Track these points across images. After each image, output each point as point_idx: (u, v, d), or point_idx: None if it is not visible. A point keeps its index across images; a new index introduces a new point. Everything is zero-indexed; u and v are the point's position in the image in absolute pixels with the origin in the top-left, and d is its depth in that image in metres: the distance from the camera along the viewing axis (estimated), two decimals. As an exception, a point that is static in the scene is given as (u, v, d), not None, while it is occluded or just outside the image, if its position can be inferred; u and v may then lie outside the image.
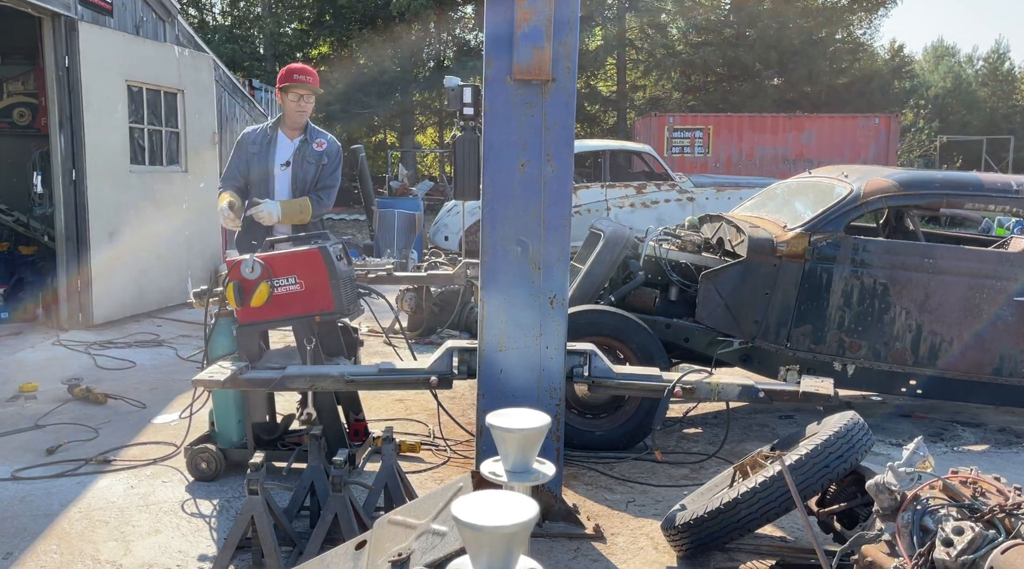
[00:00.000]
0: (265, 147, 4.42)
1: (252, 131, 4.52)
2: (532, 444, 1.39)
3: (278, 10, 26.78)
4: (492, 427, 1.44)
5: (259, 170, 4.42)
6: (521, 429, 1.37)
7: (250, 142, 4.44)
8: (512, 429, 1.37)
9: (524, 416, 1.43)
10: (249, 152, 4.42)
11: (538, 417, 1.43)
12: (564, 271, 3.37)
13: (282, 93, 4.40)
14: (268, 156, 4.43)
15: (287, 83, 4.36)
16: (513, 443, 1.37)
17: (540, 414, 1.46)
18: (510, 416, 1.42)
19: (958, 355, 4.51)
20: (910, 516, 2.34)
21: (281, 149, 4.45)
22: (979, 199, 4.56)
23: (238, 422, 4.02)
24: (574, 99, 3.32)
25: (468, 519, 1.05)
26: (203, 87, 8.75)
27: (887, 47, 38.51)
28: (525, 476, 1.38)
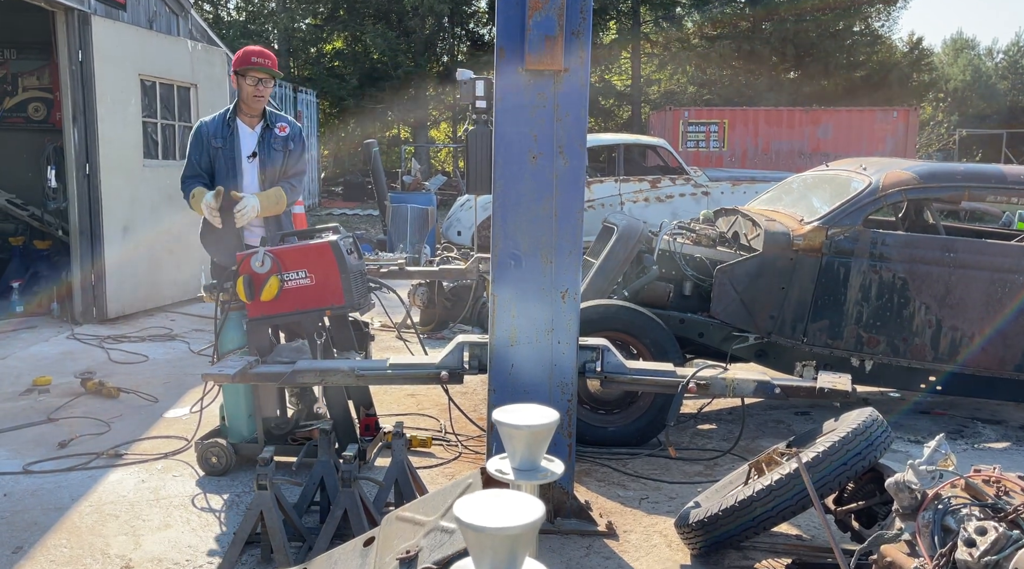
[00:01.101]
0: (229, 140, 4.13)
1: (209, 123, 4.17)
2: (540, 441, 1.34)
3: (292, 5, 26.80)
4: (499, 423, 1.40)
5: (226, 164, 4.13)
6: (528, 425, 1.33)
7: (211, 136, 4.13)
8: (519, 425, 1.32)
9: (532, 412, 1.38)
10: (212, 146, 4.12)
11: (546, 413, 1.39)
12: (576, 265, 3.32)
13: (239, 77, 4.09)
14: (234, 149, 4.14)
15: (244, 66, 4.07)
16: (520, 440, 1.32)
17: (548, 410, 1.41)
18: (518, 412, 1.37)
19: (979, 351, 4.43)
20: (931, 515, 2.28)
21: (244, 140, 4.18)
22: (1002, 192, 4.47)
23: (248, 417, 4.01)
24: (587, 90, 3.26)
25: (471, 520, 1.01)
26: (216, 81, 8.74)
27: (905, 40, 38.09)
28: (532, 474, 1.34)
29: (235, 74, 4.12)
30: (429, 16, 25.24)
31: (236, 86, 4.14)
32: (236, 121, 4.18)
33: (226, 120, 4.17)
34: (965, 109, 46.42)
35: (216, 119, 4.20)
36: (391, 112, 26.28)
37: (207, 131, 4.16)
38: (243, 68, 4.08)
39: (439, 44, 28.37)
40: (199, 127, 4.21)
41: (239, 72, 4.10)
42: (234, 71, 4.13)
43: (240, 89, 4.12)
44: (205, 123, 4.20)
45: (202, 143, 4.15)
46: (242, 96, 4.14)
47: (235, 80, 4.13)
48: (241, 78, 4.10)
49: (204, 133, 4.16)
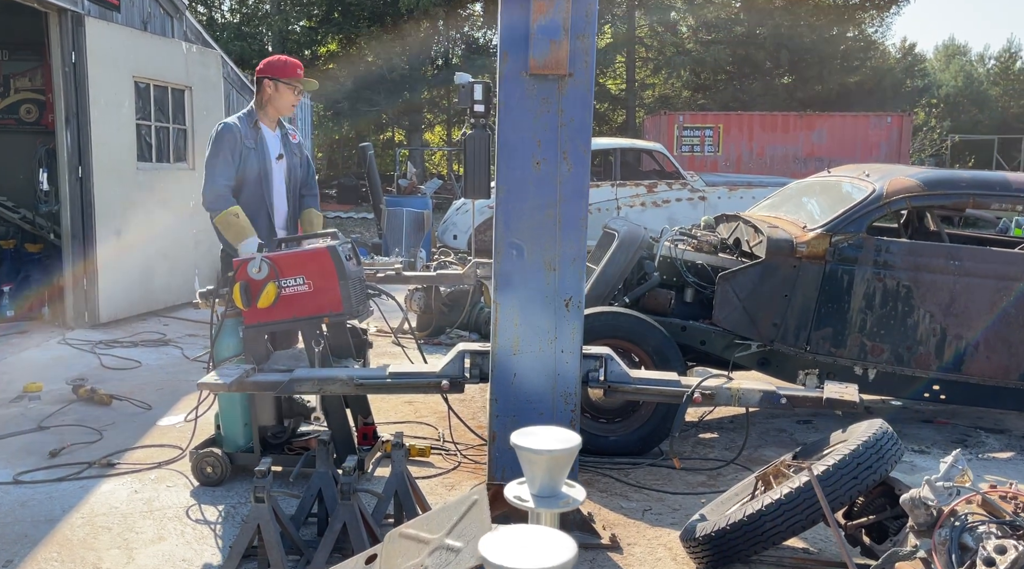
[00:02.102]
0: (259, 142, 4.17)
1: (235, 126, 4.13)
2: (561, 466, 1.28)
3: (287, 7, 26.71)
4: (518, 448, 1.33)
5: (258, 167, 4.17)
6: (550, 450, 1.26)
7: (243, 137, 4.11)
8: (540, 450, 1.26)
9: (551, 435, 1.32)
10: (245, 147, 4.12)
11: (566, 436, 1.32)
12: (580, 272, 3.26)
13: (276, 84, 4.16)
14: (264, 150, 4.20)
15: (291, 78, 4.18)
16: (541, 465, 1.26)
17: (567, 433, 1.35)
18: (536, 435, 1.31)
19: (984, 359, 4.38)
20: (948, 533, 2.23)
21: (270, 142, 4.25)
22: (1007, 199, 4.43)
23: (244, 426, 3.93)
24: (591, 95, 3.21)
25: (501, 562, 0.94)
26: (211, 84, 8.66)
27: (898, 46, 38.25)
28: (553, 501, 1.27)
29: (270, 80, 4.16)
30: (424, 19, 25.16)
31: (269, 91, 4.18)
32: (260, 125, 4.21)
33: (254, 122, 4.18)
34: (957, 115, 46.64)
35: (242, 120, 4.17)
36: (385, 115, 26.21)
37: (237, 132, 4.11)
38: (290, 79, 4.17)
39: (434, 47, 28.31)
40: (230, 127, 4.13)
41: (283, 81, 4.16)
42: (272, 78, 4.16)
43: (277, 95, 4.18)
44: (234, 124, 4.14)
45: (236, 143, 4.10)
46: (278, 103, 4.21)
47: (270, 85, 4.16)
48: (282, 85, 4.17)
49: (235, 134, 4.10)
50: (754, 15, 26.76)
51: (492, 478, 3.37)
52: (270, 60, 4.27)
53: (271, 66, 4.22)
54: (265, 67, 4.22)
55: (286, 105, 4.24)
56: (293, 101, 4.24)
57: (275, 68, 4.20)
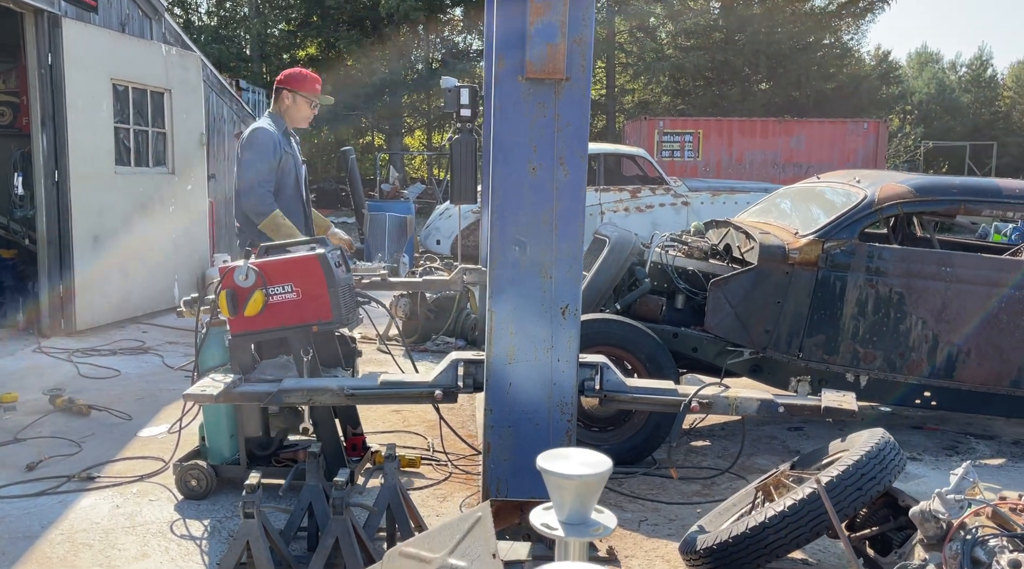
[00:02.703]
0: (292, 148, 4.42)
1: (272, 131, 4.31)
2: (592, 492, 1.21)
3: (265, 11, 26.49)
4: (545, 472, 1.27)
5: (293, 170, 4.40)
6: (581, 475, 1.20)
7: (284, 144, 4.33)
8: (570, 475, 1.19)
9: (580, 458, 1.25)
10: (284, 151, 4.32)
11: (597, 460, 1.26)
12: (577, 280, 3.20)
13: (295, 96, 4.36)
14: (295, 155, 4.44)
15: (310, 92, 4.38)
16: (570, 491, 1.19)
17: (598, 455, 1.28)
18: (564, 458, 1.24)
19: (975, 366, 4.38)
20: (959, 546, 2.19)
21: (296, 147, 4.51)
22: (998, 206, 4.44)
23: (230, 437, 3.83)
24: (588, 99, 3.15)
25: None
26: (191, 87, 8.52)
27: (872, 53, 38.74)
28: (583, 529, 1.21)
29: (289, 91, 4.35)
30: (404, 23, 25.05)
31: (288, 102, 4.37)
32: (288, 131, 4.45)
33: (284, 129, 4.38)
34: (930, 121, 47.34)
35: (274, 127, 4.34)
36: (365, 119, 26.05)
37: (277, 139, 4.29)
38: (312, 93, 4.39)
39: (414, 51, 28.20)
40: (270, 133, 4.28)
41: (300, 93, 4.35)
42: (289, 89, 4.35)
43: (294, 107, 4.37)
44: (269, 130, 4.30)
45: (277, 149, 4.27)
46: (295, 114, 4.40)
47: (288, 96, 4.36)
48: (303, 99, 4.37)
49: (275, 141, 4.28)
50: (733, 21, 26.94)
51: (486, 490, 3.30)
52: (291, 72, 4.45)
53: (292, 78, 4.40)
54: (286, 78, 4.41)
55: (302, 117, 4.42)
56: (309, 114, 4.43)
57: (295, 81, 4.38)
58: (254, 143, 4.24)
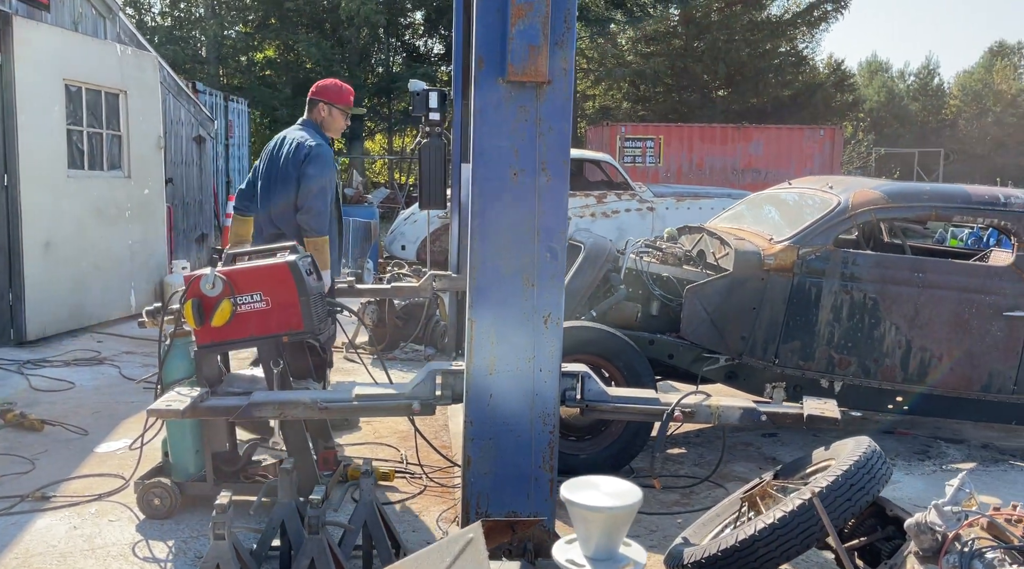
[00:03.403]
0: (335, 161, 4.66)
1: (328, 147, 4.43)
2: (620, 525, 1.13)
3: (222, 12, 25.97)
4: (571, 504, 1.18)
5: (335, 184, 4.47)
6: (610, 508, 1.11)
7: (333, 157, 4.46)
8: (598, 507, 1.11)
9: (607, 488, 1.17)
10: (335, 169, 4.47)
11: (625, 489, 1.18)
12: (559, 288, 3.13)
13: (331, 109, 4.45)
14: (336, 166, 4.58)
15: (346, 105, 4.50)
16: (597, 524, 1.11)
17: (626, 484, 1.21)
18: (589, 489, 1.16)
19: (947, 371, 4.42)
20: (956, 559, 2.16)
21: None
22: (967, 212, 4.49)
23: (196, 452, 3.67)
24: (571, 103, 3.09)
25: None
26: (147, 88, 8.26)
27: (826, 61, 39.56)
28: (611, 565, 1.12)
29: (325, 103, 4.43)
30: (364, 27, 24.78)
31: (324, 114, 4.45)
32: None
33: (330, 142, 4.49)
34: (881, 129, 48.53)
35: (323, 141, 4.41)
36: (325, 122, 25.65)
37: (331, 152, 4.40)
38: (346, 105, 4.49)
39: (374, 55, 27.93)
40: (329, 150, 4.39)
41: (337, 106, 4.46)
42: (325, 102, 4.44)
43: (330, 119, 4.47)
44: (327, 146, 4.40)
45: (333, 165, 4.39)
46: (331, 125, 4.49)
47: (324, 108, 4.44)
48: (338, 111, 4.47)
49: (330, 154, 4.38)
50: (692, 29, 27.26)
51: (466, 505, 3.20)
52: (325, 84, 4.53)
53: (326, 90, 4.47)
54: (320, 90, 4.48)
55: (338, 128, 4.54)
56: (343, 126, 4.56)
57: (331, 93, 4.46)
58: (318, 158, 4.27)
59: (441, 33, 27.83)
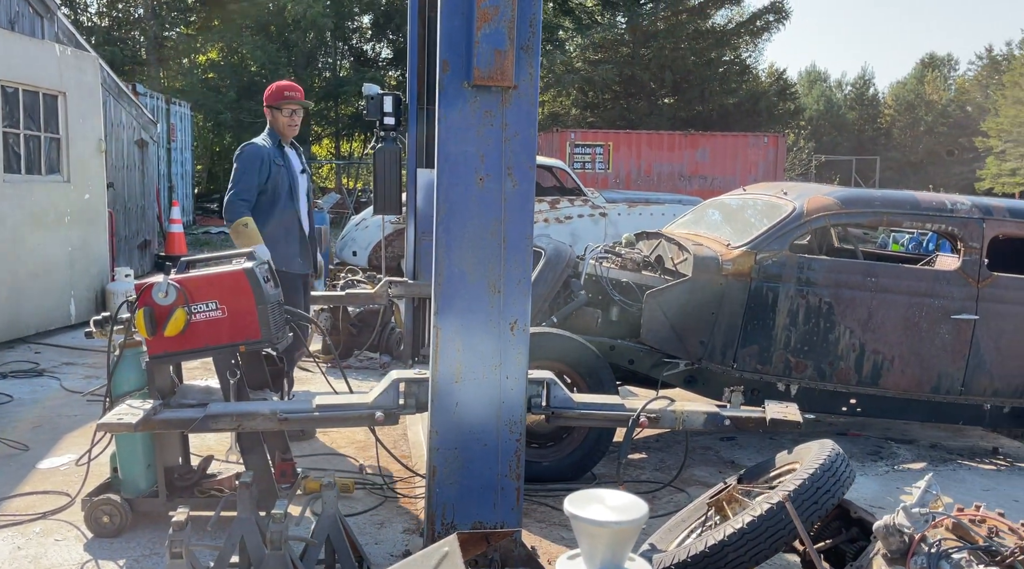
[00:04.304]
0: (286, 159, 4.62)
1: (263, 147, 4.56)
2: (627, 540, 1.10)
3: (162, 13, 25.33)
4: (575, 518, 1.15)
5: (287, 180, 4.60)
6: (616, 522, 1.08)
7: (272, 157, 4.54)
8: (603, 522, 1.08)
9: (611, 501, 1.14)
10: (275, 164, 4.53)
11: (631, 503, 1.15)
12: (526, 294, 3.10)
13: (273, 110, 4.60)
14: (290, 167, 4.64)
15: (279, 101, 4.58)
16: (603, 539, 1.08)
17: (631, 498, 1.18)
18: (592, 502, 1.13)
19: (899, 373, 4.52)
20: (924, 560, 2.19)
21: (293, 159, 4.71)
22: (916, 218, 4.60)
23: (147, 467, 3.53)
24: (536, 108, 3.06)
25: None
26: (87, 90, 7.98)
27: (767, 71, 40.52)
28: (618, 580, 1.10)
29: (268, 108, 4.62)
30: (311, 30, 24.46)
31: (269, 117, 4.64)
32: (281, 144, 4.66)
33: (277, 143, 4.62)
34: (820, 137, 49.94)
35: (267, 142, 4.59)
36: (271, 127, 25.20)
37: (267, 152, 4.54)
38: (278, 103, 4.59)
39: (321, 59, 27.59)
40: (258, 148, 4.54)
41: (273, 106, 4.60)
42: (268, 106, 4.62)
43: (274, 120, 4.62)
44: (260, 145, 4.56)
45: (264, 162, 4.51)
46: (277, 126, 4.63)
47: (267, 112, 4.63)
48: (276, 111, 4.60)
49: (264, 155, 4.52)
50: (639, 37, 27.61)
51: (431, 516, 3.15)
52: (269, 89, 4.70)
53: (267, 96, 4.67)
54: (264, 98, 4.70)
55: (282, 126, 4.63)
56: (286, 121, 4.63)
57: (267, 96, 4.66)
58: (240, 156, 4.52)
59: (389, 37, 27.64)
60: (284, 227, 4.58)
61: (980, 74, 54.86)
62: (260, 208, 4.54)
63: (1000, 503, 4.08)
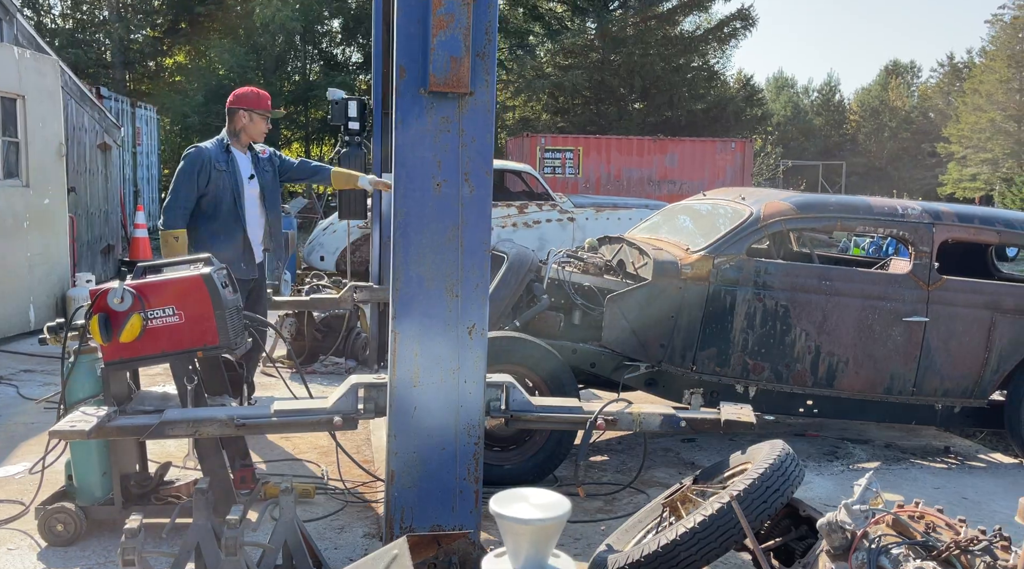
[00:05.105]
0: (230, 164, 4.58)
1: (208, 150, 4.55)
2: (550, 536, 1.13)
3: (128, 15, 25.01)
4: (500, 517, 1.18)
5: (229, 185, 4.56)
6: (539, 519, 1.11)
7: (214, 162, 4.52)
8: (526, 520, 1.11)
9: (536, 499, 1.17)
10: (215, 169, 4.52)
11: (554, 501, 1.18)
12: (483, 298, 3.13)
13: (251, 115, 4.62)
14: (235, 172, 4.60)
15: (263, 109, 4.65)
16: (526, 536, 1.11)
17: (554, 496, 1.21)
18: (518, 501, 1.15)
19: (853, 375, 4.62)
20: (864, 556, 2.25)
21: (242, 164, 4.67)
22: (869, 222, 4.71)
23: (103, 474, 3.50)
24: (493, 114, 3.10)
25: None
26: (47, 93, 7.87)
27: (735, 77, 41.05)
28: (542, 575, 1.13)
29: (245, 111, 4.62)
30: (280, 34, 24.31)
31: (244, 121, 4.63)
32: (232, 149, 4.65)
33: (224, 147, 4.61)
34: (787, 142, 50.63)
35: (214, 146, 4.60)
36: (239, 130, 24.98)
37: (209, 156, 4.53)
38: (262, 111, 4.66)
39: (290, 62, 27.41)
40: (199, 152, 4.53)
41: (256, 111, 4.63)
42: (244, 109, 4.62)
43: (251, 125, 4.65)
44: (205, 149, 4.57)
45: (204, 165, 4.49)
46: (252, 131, 4.68)
47: (244, 115, 4.62)
48: (258, 116, 4.65)
49: (206, 157, 4.51)
50: (608, 43, 27.79)
51: (390, 520, 3.16)
52: (243, 92, 4.72)
53: (246, 98, 4.66)
54: (239, 99, 4.67)
55: (260, 133, 4.70)
56: (265, 129, 4.72)
57: (250, 100, 4.65)
58: (184, 159, 4.53)
59: (359, 42, 27.55)
60: (225, 232, 4.58)
61: (942, 81, 56.03)
62: (202, 212, 4.55)
63: (949, 500, 4.19)
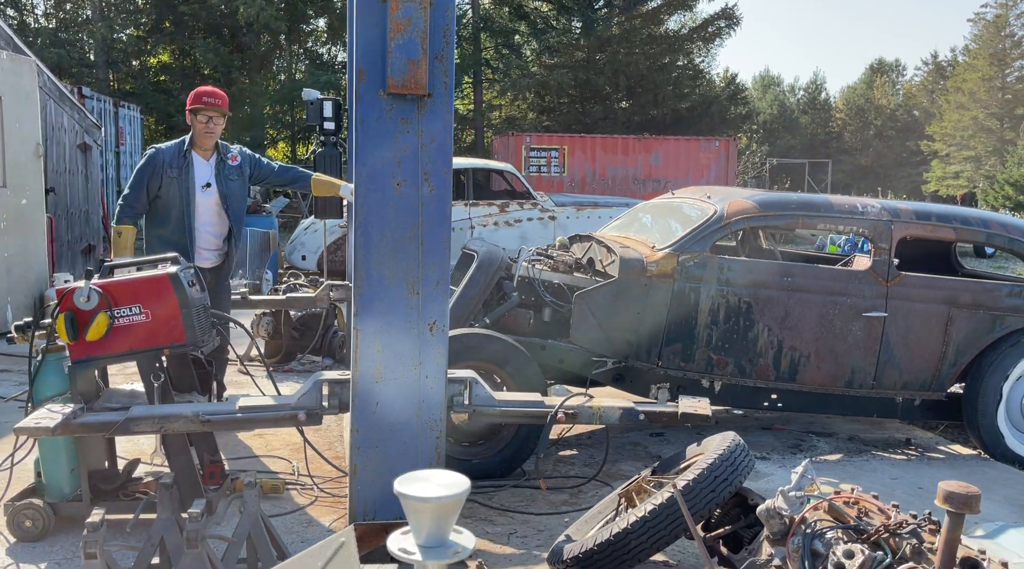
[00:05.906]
0: (184, 170, 4.48)
1: (165, 151, 4.50)
2: (449, 514, 1.21)
3: (111, 14, 24.93)
4: (402, 496, 1.25)
5: (179, 193, 4.47)
6: (437, 497, 1.19)
7: (167, 164, 4.45)
8: (426, 498, 1.18)
9: (437, 480, 1.25)
10: (167, 174, 4.44)
11: (455, 481, 1.26)
12: (444, 296, 3.20)
13: (192, 114, 4.51)
14: (188, 178, 4.48)
15: (196, 106, 4.49)
16: (427, 514, 1.18)
17: (456, 476, 1.28)
18: (421, 482, 1.23)
19: (815, 369, 4.72)
20: (800, 540, 2.34)
21: (199, 170, 4.54)
22: (830, 220, 4.81)
23: (71, 471, 3.55)
24: (451, 115, 3.17)
25: None
26: (24, 93, 7.88)
27: (721, 75, 41.26)
28: (442, 551, 1.20)
29: (189, 111, 4.52)
30: (265, 32, 24.30)
31: (190, 123, 4.54)
32: (191, 153, 4.52)
33: (183, 151, 4.51)
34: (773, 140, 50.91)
35: (172, 148, 4.53)
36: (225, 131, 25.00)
37: (163, 158, 4.46)
38: (195, 107, 4.48)
39: (276, 62, 27.40)
40: (155, 153, 4.48)
41: (192, 110, 4.50)
42: (188, 109, 4.52)
43: (193, 126, 4.52)
44: (161, 150, 4.51)
45: (156, 168, 4.44)
46: (196, 132, 4.53)
47: (189, 117, 4.53)
48: (193, 115, 4.50)
49: (160, 160, 4.45)
50: (593, 42, 27.91)
51: (354, 514, 3.23)
52: (191, 93, 4.61)
53: (189, 99, 4.56)
54: (188, 101, 4.59)
55: (199, 133, 4.52)
56: (204, 129, 4.51)
57: (189, 100, 4.54)
58: (140, 161, 4.51)
59: (345, 41, 27.56)
60: (172, 239, 4.50)
61: (926, 80, 56.50)
62: (155, 215, 4.54)
63: (905, 490, 4.29)
